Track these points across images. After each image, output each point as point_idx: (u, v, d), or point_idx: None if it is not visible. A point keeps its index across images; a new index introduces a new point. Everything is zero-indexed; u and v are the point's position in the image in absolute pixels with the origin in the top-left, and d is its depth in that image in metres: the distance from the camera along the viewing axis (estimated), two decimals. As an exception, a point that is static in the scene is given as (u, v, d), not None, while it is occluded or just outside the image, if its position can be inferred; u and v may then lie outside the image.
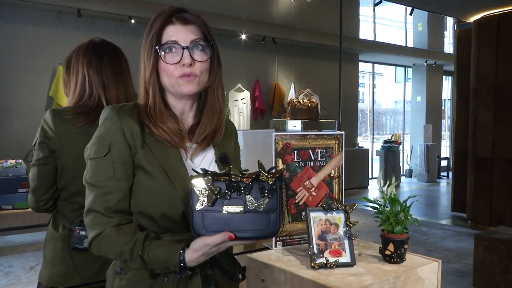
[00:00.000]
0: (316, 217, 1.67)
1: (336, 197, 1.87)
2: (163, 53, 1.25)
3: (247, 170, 1.20)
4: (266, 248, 1.81)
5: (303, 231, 1.83)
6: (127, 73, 1.91)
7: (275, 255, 1.73)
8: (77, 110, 1.79)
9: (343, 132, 1.89)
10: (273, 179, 1.16)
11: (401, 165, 12.21)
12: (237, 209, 1.14)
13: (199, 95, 1.34)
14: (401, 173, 12.51)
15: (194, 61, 1.25)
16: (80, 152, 1.32)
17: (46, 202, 1.80)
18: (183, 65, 1.24)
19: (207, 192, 1.14)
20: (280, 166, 1.78)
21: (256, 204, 1.14)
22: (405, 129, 13.99)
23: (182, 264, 1.16)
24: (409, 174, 12.79)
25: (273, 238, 1.77)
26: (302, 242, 1.83)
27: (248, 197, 1.14)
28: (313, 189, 1.84)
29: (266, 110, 9.00)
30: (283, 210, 1.20)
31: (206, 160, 1.33)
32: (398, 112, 18.59)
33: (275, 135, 1.76)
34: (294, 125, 4.69)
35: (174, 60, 1.25)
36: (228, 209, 1.14)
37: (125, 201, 1.23)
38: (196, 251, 1.15)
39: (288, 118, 4.80)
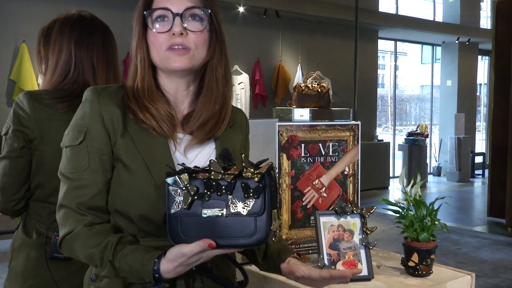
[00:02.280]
0: (327, 222, 1.68)
1: (351, 198, 1.88)
2: (151, 20, 1.26)
3: (233, 165, 1.19)
4: (268, 259, 1.82)
5: (312, 238, 1.83)
6: (117, 57, 1.91)
7: (278, 267, 1.74)
8: (58, 94, 1.78)
9: (359, 122, 1.90)
10: (259, 175, 1.14)
11: (428, 161, 12.21)
12: (218, 212, 1.14)
13: (196, 76, 1.34)
14: (428, 171, 12.52)
15: (186, 31, 1.25)
16: None
17: (17, 202, 1.79)
18: (173, 34, 1.24)
19: (183, 192, 1.14)
20: (285, 162, 1.79)
21: (239, 206, 1.14)
22: (433, 119, 13.98)
23: (157, 275, 1.16)
24: (438, 172, 12.81)
25: (277, 247, 1.77)
26: (310, 251, 1.84)
27: (230, 198, 1.14)
28: (323, 189, 1.85)
29: (268, 97, 9.00)
30: (273, 212, 1.20)
31: (203, 155, 1.33)
32: (424, 99, 18.56)
33: (278, 125, 1.77)
34: (301, 114, 4.67)
35: (164, 28, 1.25)
36: (207, 212, 1.14)
37: (101, 197, 1.25)
38: (171, 261, 1.15)
39: (294, 106, 4.77)
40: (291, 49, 9.43)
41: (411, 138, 11.37)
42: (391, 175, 11.60)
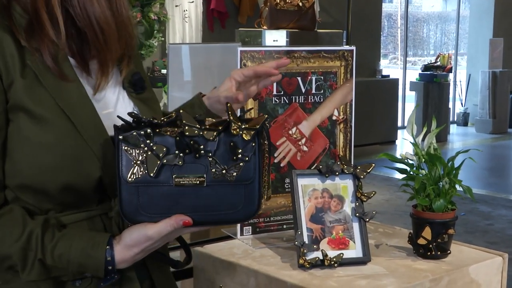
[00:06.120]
0: (308, 185, 1.70)
1: (341, 153, 1.90)
2: None
3: (205, 116, 1.23)
4: (228, 238, 1.85)
5: (287, 209, 1.86)
6: None
7: (241, 248, 1.77)
8: None
9: (353, 48, 1.90)
10: (251, 132, 1.18)
11: (450, 105, 12.33)
12: (195, 179, 1.17)
13: None
14: (451, 119, 12.66)
15: None
16: None
17: None
18: None
19: (145, 154, 1.16)
20: (249, 102, 1.79)
21: (224, 172, 1.17)
22: (459, 47, 14.07)
23: (110, 267, 1.19)
24: (464, 120, 12.94)
25: (239, 222, 1.80)
26: (285, 226, 1.87)
27: (212, 161, 1.17)
28: (303, 140, 1.87)
29: (229, 14, 8.92)
30: (264, 179, 1.23)
31: (109, 87, 1.35)
32: (448, 18, 18.66)
33: (241, 51, 1.77)
34: (275, 39, 4.65)
35: None
36: (180, 180, 1.17)
37: None
38: (131, 248, 1.19)
39: (264, 27, 4.76)
40: None
41: (429, 73, 11.46)
42: (399, 124, 11.68)
